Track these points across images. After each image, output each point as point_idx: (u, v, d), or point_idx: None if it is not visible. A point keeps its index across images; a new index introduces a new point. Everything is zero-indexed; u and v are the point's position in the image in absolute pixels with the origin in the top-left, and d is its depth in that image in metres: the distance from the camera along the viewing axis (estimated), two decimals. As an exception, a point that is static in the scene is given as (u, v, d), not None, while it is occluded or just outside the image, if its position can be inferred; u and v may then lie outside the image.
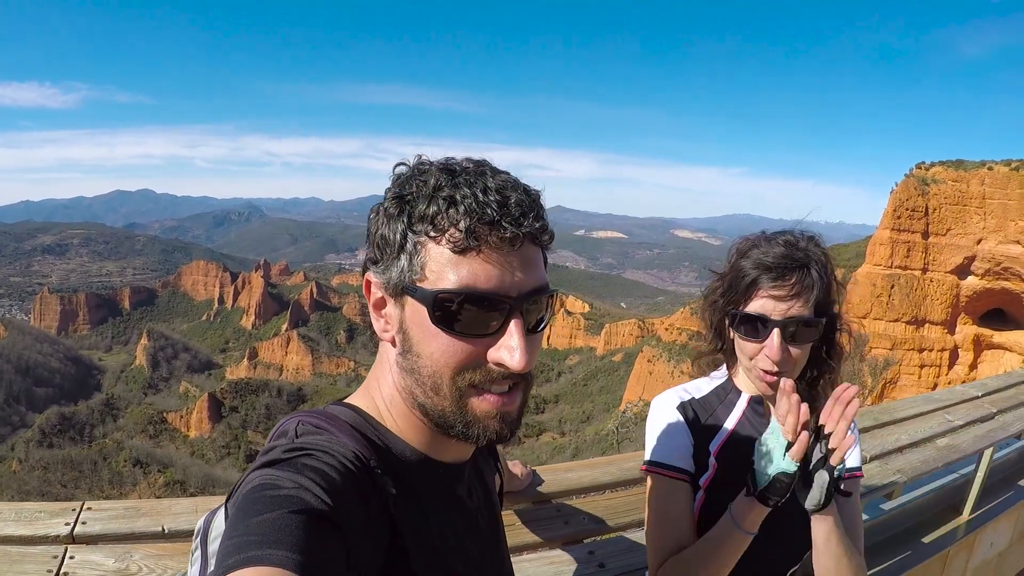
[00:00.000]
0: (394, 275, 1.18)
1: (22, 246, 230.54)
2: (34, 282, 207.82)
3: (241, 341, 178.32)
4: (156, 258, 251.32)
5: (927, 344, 57.74)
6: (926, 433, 4.07)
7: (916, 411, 4.38)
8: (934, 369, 57.49)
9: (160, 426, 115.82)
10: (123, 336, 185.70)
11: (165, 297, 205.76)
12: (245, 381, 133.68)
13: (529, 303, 1.17)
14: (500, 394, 1.19)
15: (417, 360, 1.19)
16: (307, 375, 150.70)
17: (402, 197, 1.17)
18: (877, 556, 3.90)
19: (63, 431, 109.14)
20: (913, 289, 57.78)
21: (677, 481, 1.97)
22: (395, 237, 1.17)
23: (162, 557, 2.08)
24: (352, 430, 1.23)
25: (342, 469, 1.10)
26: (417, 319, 1.17)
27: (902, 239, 58.44)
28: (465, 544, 1.36)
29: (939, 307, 57.63)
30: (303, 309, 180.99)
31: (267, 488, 1.01)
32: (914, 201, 58.33)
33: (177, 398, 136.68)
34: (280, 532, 0.93)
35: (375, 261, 1.22)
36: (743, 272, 1.90)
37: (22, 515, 2.20)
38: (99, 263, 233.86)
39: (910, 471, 3.63)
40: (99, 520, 2.20)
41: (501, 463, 1.89)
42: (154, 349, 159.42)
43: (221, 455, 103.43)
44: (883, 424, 4.10)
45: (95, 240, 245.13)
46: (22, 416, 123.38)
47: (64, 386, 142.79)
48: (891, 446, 3.82)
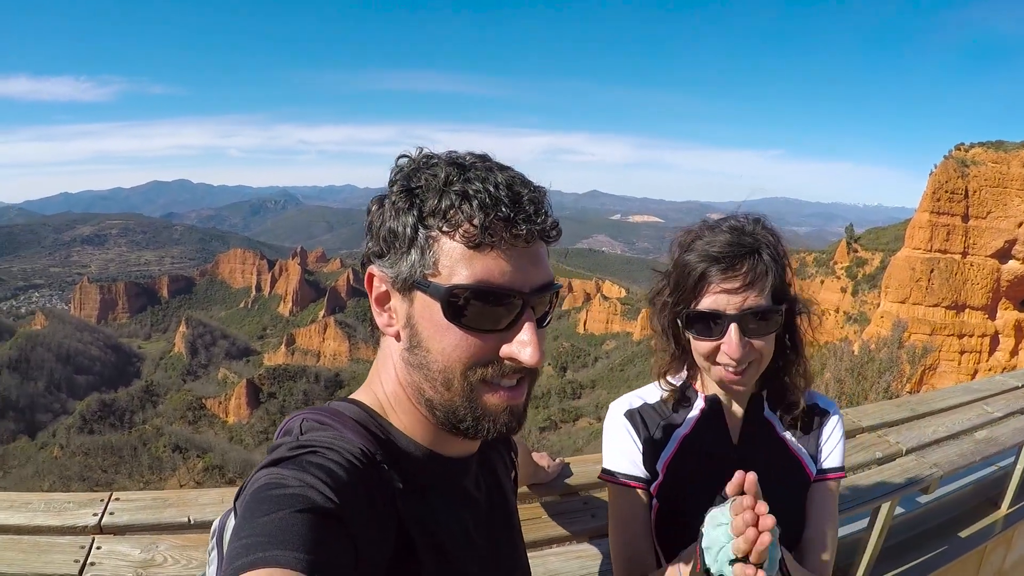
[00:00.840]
0: (404, 269, 1.17)
1: (61, 237, 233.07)
2: (74, 272, 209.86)
3: (279, 328, 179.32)
4: (194, 247, 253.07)
5: (967, 330, 56.76)
6: (964, 425, 3.96)
7: (954, 402, 4.26)
8: (974, 355, 56.61)
9: (199, 412, 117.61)
10: (162, 324, 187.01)
11: (203, 285, 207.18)
12: (283, 367, 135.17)
13: (539, 298, 1.19)
14: (509, 388, 1.20)
15: (427, 355, 1.18)
16: (344, 361, 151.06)
17: (411, 190, 1.16)
18: (913, 551, 3.85)
19: (103, 417, 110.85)
20: (953, 273, 56.75)
21: (630, 489, 1.94)
22: (405, 231, 1.16)
23: (187, 548, 2.09)
24: (356, 425, 1.22)
25: (347, 466, 1.10)
26: (427, 314, 1.17)
27: (941, 222, 57.37)
28: (473, 538, 1.35)
29: (979, 292, 56.63)
30: (340, 296, 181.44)
31: (273, 487, 1.01)
32: (953, 183, 57.28)
33: (216, 384, 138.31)
34: (287, 532, 0.92)
35: (380, 255, 1.21)
36: (689, 267, 1.77)
37: (51, 505, 2.22)
38: (137, 252, 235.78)
39: (947, 465, 3.51)
40: (127, 511, 2.21)
41: (518, 454, 1.86)
42: (193, 336, 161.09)
43: (259, 440, 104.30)
44: (920, 415, 3.98)
45: (133, 230, 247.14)
46: (63, 403, 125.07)
47: (104, 373, 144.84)
48: (928, 438, 3.71)
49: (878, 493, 3.14)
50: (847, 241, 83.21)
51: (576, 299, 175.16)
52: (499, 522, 1.48)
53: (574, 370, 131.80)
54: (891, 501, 3.24)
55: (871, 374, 13.86)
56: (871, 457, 3.35)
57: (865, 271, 77.57)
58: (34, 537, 2.11)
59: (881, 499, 3.17)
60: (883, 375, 13.70)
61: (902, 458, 3.49)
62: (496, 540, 1.44)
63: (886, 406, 4.13)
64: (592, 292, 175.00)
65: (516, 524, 1.58)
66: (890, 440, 3.53)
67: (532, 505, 2.59)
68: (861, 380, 13.81)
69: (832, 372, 14.08)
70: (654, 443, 1.95)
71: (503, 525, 1.50)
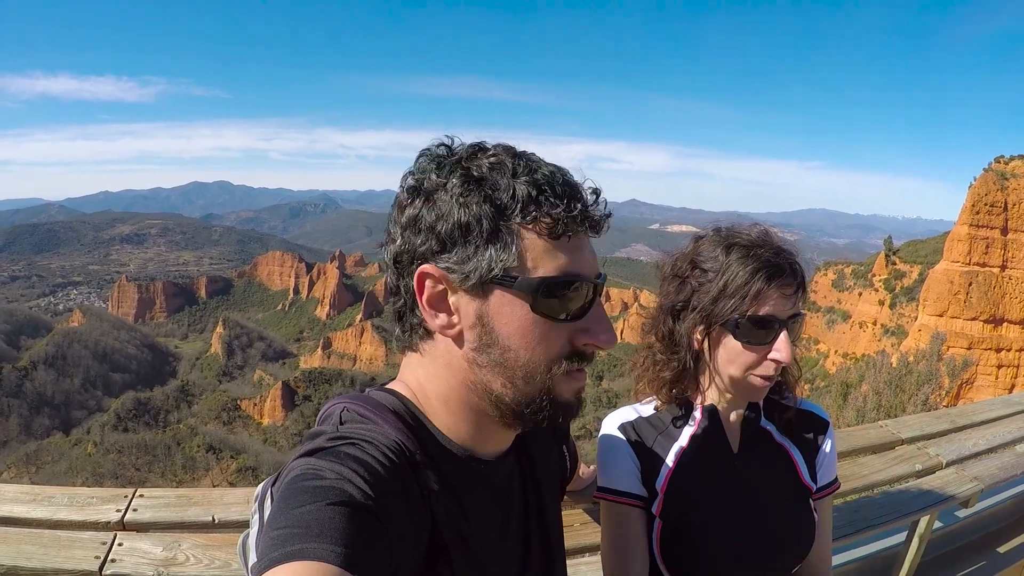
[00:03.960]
0: (481, 265, 1.11)
1: (101, 235, 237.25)
2: (112, 270, 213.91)
3: (315, 331, 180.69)
4: (232, 248, 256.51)
5: (1005, 344, 57.67)
6: (1005, 438, 3.84)
7: (994, 415, 4.15)
8: (1012, 369, 57.52)
9: (234, 413, 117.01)
10: (199, 324, 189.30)
11: (241, 287, 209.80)
12: (319, 371, 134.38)
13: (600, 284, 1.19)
14: (582, 371, 1.20)
15: (505, 353, 1.14)
16: (380, 365, 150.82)
17: (478, 180, 1.11)
18: (951, 566, 3.84)
19: (138, 416, 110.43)
20: (991, 287, 57.96)
21: (626, 507, 1.87)
22: (481, 224, 1.10)
23: (210, 547, 2.08)
24: (396, 420, 1.19)
25: (386, 462, 1.08)
26: (509, 310, 1.13)
27: (980, 235, 58.66)
28: (506, 541, 1.33)
29: (1018, 306, 57.67)
30: (377, 300, 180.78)
31: (309, 478, 1.01)
32: (993, 196, 58.58)
33: (251, 386, 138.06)
34: (323, 524, 0.92)
35: (437, 252, 1.13)
36: (746, 273, 1.70)
37: (75, 500, 2.22)
38: (176, 253, 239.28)
39: (988, 478, 3.44)
40: (150, 508, 2.21)
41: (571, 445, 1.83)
42: (229, 337, 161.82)
43: (293, 442, 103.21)
44: (960, 428, 3.86)
45: (172, 230, 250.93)
46: (98, 400, 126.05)
47: (140, 372, 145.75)
48: (968, 451, 3.61)
49: (918, 507, 3.12)
50: (885, 254, 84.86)
51: (614, 308, 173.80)
52: (533, 520, 1.43)
53: (610, 379, 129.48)
54: (931, 514, 3.24)
55: (909, 387, 13.22)
56: (911, 469, 3.31)
57: (903, 284, 79.70)
58: (55, 532, 2.10)
59: (920, 512, 3.16)
60: (921, 387, 13.04)
61: (942, 471, 3.42)
62: (528, 543, 1.40)
63: (925, 418, 4.03)
64: (630, 301, 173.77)
65: (551, 523, 1.48)
66: (930, 452, 3.47)
67: (565, 513, 2.16)
68: (899, 392, 13.16)
69: (870, 384, 13.60)
70: (653, 459, 1.89)
71: (537, 523, 1.44)
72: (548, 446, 1.54)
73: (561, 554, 1.49)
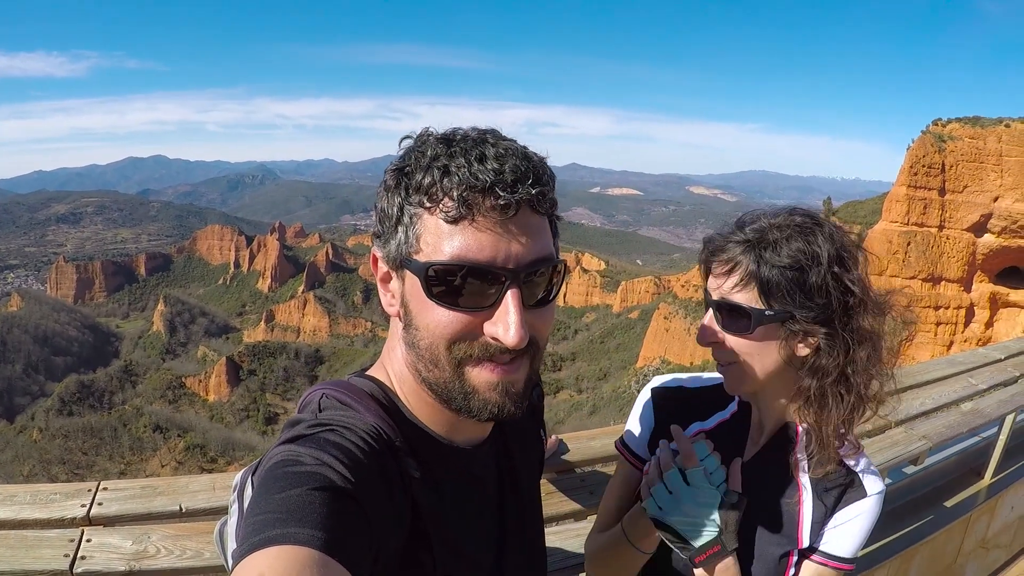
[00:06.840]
0: (392, 248, 1.16)
1: (36, 216, 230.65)
2: (49, 251, 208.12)
3: (258, 304, 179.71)
4: (171, 224, 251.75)
5: (943, 302, 57.94)
6: (950, 397, 3.99)
7: (939, 374, 4.27)
8: (950, 327, 57.84)
9: (179, 391, 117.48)
10: (140, 303, 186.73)
11: (181, 262, 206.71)
12: (263, 344, 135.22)
13: (530, 275, 1.13)
14: (502, 364, 1.16)
15: (416, 333, 1.16)
16: (324, 337, 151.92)
17: (401, 170, 1.15)
18: (900, 520, 3.94)
19: (82, 399, 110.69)
20: (929, 246, 57.91)
21: (630, 466, 1.92)
22: (393, 210, 1.15)
23: (180, 537, 2.04)
24: (376, 406, 1.22)
25: (365, 447, 1.10)
26: (415, 292, 1.14)
27: (918, 196, 58.54)
28: (484, 526, 1.36)
29: (955, 265, 57.78)
30: (319, 271, 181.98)
31: (289, 464, 1.01)
32: (931, 158, 58.30)
33: (195, 363, 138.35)
34: (304, 509, 0.92)
35: (379, 235, 1.20)
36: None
37: (38, 497, 2.15)
38: (114, 230, 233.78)
39: (935, 436, 3.60)
40: (115, 501, 2.15)
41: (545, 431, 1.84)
42: (171, 314, 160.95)
43: (240, 418, 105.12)
44: (907, 388, 3.92)
45: (109, 208, 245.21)
46: (41, 385, 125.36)
47: (82, 354, 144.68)
48: (915, 410, 3.75)
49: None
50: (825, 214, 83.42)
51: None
52: (510, 506, 1.45)
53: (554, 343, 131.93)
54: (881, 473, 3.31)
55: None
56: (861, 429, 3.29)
57: (843, 244, 79.85)
58: (21, 532, 2.05)
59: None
60: (863, 346, 13.31)
61: (891, 430, 3.54)
62: (508, 527, 1.43)
63: (872, 379, 4.25)
64: (572, 265, 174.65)
65: (528, 510, 1.52)
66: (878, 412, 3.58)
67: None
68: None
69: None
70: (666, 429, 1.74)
71: (514, 510, 1.46)
72: (525, 429, 1.58)
73: (540, 542, 1.59)
